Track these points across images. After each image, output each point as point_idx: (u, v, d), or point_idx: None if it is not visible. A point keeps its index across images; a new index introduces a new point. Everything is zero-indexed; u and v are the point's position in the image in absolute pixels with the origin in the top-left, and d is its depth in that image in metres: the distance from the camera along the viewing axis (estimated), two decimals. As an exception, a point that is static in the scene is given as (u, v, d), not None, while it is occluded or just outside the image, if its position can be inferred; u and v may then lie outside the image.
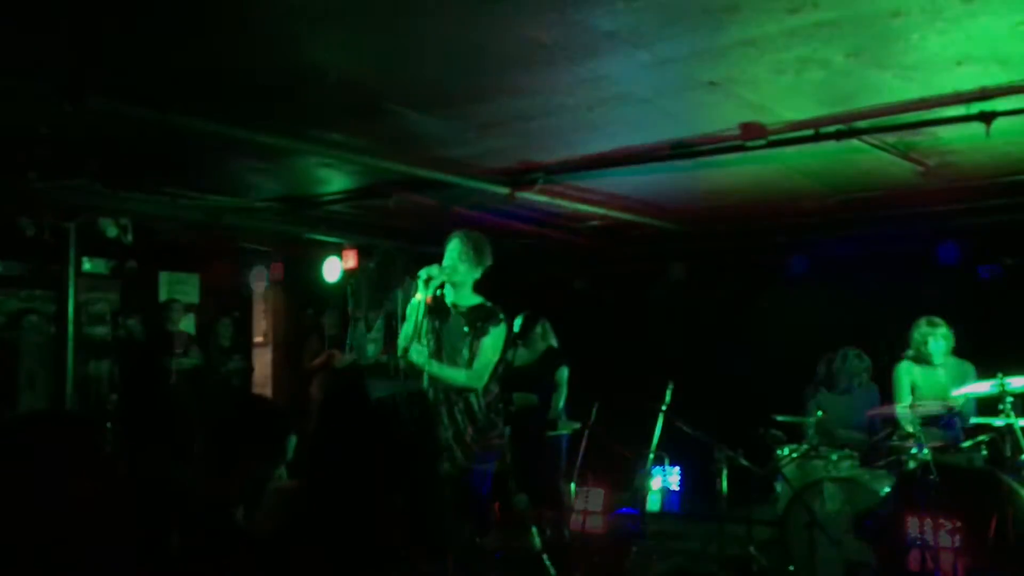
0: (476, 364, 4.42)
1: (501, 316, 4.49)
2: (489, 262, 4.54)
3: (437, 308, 4.47)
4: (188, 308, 9.07)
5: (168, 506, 2.08)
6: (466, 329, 4.46)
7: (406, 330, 4.43)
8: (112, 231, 7.36)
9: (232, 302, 9.65)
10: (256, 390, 10.24)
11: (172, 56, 3.93)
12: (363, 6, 3.40)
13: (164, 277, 9.29)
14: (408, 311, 4.45)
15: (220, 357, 8.92)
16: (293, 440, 2.37)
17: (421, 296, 4.33)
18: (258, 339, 10.87)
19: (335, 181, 6.72)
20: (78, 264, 6.75)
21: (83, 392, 7.91)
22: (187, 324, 9.04)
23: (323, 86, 4.26)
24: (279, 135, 5.04)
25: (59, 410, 6.35)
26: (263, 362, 10.77)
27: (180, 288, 9.34)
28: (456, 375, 4.42)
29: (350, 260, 8.58)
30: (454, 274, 4.45)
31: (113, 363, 8.11)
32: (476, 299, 4.54)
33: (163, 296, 9.06)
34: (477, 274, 4.52)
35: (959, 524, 4.73)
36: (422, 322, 4.32)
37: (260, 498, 2.26)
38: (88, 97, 4.24)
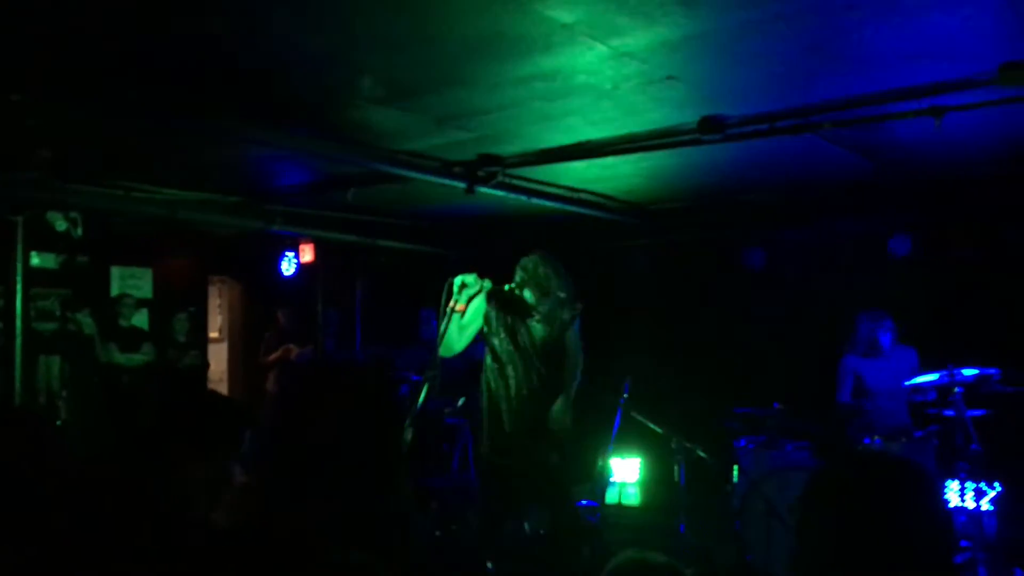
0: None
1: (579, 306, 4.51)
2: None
3: (513, 308, 4.47)
4: (141, 303, 8.91)
5: (125, 505, 2.04)
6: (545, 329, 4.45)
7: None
8: (61, 225, 7.21)
9: (187, 297, 9.50)
10: (212, 386, 10.11)
11: (124, 46, 3.84)
12: (317, -5, 3.35)
13: (116, 272, 9.11)
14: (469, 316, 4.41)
15: (175, 353, 8.78)
16: (247, 434, 2.33)
17: (453, 303, 4.25)
18: (213, 334, 10.74)
19: (292, 174, 6.64)
20: (26, 259, 6.58)
21: (32, 389, 7.73)
22: (140, 319, 8.88)
23: (278, 77, 4.21)
24: (234, 127, 4.95)
25: (9, 408, 6.20)
26: (219, 358, 10.64)
27: (133, 283, 9.17)
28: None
29: (307, 254, 8.50)
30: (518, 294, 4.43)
31: (63, 359, 7.93)
32: None
33: (115, 291, 8.88)
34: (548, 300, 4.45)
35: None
36: (447, 328, 4.25)
37: (221, 494, 2.22)
38: (37, 87, 4.13)
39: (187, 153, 5.84)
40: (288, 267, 8.83)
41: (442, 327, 4.24)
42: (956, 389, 5.22)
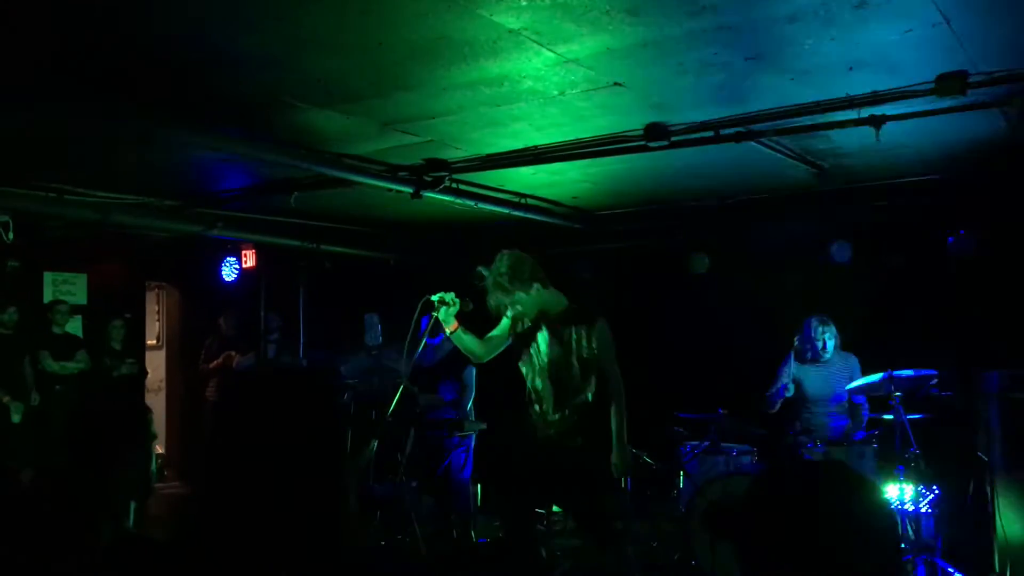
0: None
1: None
2: (530, 277, 4.46)
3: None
4: (75, 310, 8.65)
5: (49, 520, 1.98)
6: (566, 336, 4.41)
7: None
8: (-8, 229, 6.96)
9: (123, 303, 9.25)
10: (149, 394, 9.87)
11: (56, 43, 3.70)
12: (258, -5, 3.27)
13: (49, 277, 8.84)
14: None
15: (110, 361, 8.53)
16: (151, 418, 2.27)
17: (438, 322, 4.37)
18: (151, 342, 10.48)
19: (233, 177, 6.50)
20: (-48, 264, 6.35)
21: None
22: (74, 327, 8.62)
23: (218, 78, 4.11)
24: (173, 128, 4.82)
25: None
26: (157, 366, 10.39)
27: (66, 289, 8.89)
28: None
29: (249, 259, 8.34)
30: (492, 300, 4.44)
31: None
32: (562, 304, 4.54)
33: (47, 297, 8.61)
34: (527, 290, 4.44)
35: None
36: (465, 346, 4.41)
37: (146, 491, 2.17)
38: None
39: (122, 156, 5.68)
40: (229, 272, 8.65)
41: (422, 344, 4.42)
42: (895, 393, 5.32)
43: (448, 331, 4.40)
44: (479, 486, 7.49)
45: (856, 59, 3.99)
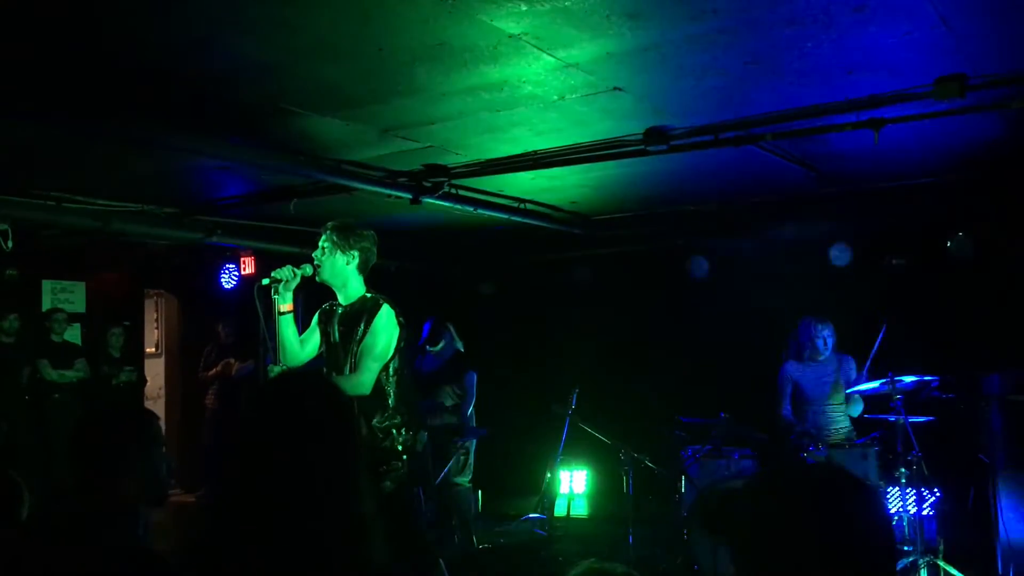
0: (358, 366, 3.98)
1: (384, 303, 4.05)
2: (361, 245, 4.13)
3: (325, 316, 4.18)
4: (74, 318, 8.63)
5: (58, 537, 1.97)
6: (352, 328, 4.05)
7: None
8: (-10, 237, 6.95)
9: (122, 311, 9.24)
10: (148, 402, 9.85)
11: (57, 52, 3.70)
12: (259, 2, 3.27)
13: (47, 285, 8.83)
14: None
15: (109, 369, 8.52)
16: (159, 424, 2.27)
17: (278, 305, 4.09)
18: (150, 349, 10.47)
19: (232, 185, 6.50)
20: (-50, 273, 6.33)
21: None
22: (72, 335, 8.60)
23: (218, 86, 4.11)
24: (172, 135, 4.81)
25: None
26: (156, 373, 10.38)
27: (65, 297, 8.88)
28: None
29: (248, 267, 8.34)
30: (323, 272, 4.11)
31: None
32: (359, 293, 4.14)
33: (46, 305, 8.60)
34: (353, 264, 4.11)
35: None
36: (277, 333, 4.00)
37: (158, 499, 2.16)
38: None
39: (121, 163, 5.67)
40: (228, 280, 8.64)
41: (278, 336, 4.02)
42: (896, 396, 5.32)
43: (283, 309, 4.12)
44: (479, 492, 7.48)
45: (855, 62, 4.00)
